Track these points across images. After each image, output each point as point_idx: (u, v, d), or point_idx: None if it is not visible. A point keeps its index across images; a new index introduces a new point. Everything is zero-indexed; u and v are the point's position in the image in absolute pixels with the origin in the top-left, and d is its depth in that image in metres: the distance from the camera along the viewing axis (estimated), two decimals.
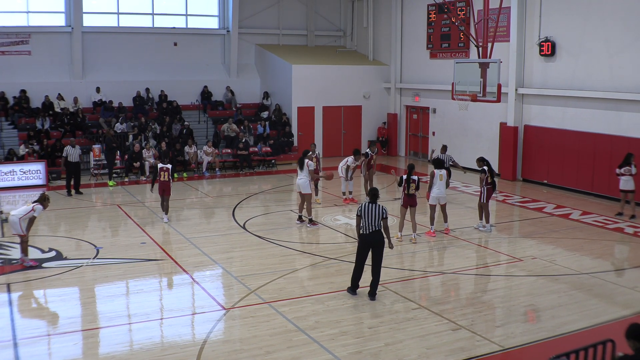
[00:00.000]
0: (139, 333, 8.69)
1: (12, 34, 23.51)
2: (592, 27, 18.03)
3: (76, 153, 18.21)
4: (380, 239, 9.60)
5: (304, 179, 14.58)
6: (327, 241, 13.50)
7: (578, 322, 8.97)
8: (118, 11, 25.59)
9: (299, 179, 14.69)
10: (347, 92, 26.51)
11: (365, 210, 9.58)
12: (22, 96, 23.16)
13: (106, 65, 25.07)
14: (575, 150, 18.76)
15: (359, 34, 28.99)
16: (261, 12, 27.84)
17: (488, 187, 13.97)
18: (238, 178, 21.69)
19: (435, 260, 12.49)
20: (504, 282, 11.08)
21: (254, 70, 28.15)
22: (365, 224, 9.55)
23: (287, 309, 9.37)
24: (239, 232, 14.17)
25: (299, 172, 14.73)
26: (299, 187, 14.66)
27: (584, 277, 11.06)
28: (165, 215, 15.06)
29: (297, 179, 14.83)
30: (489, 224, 14.26)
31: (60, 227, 14.82)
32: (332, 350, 8.00)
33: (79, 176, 18.51)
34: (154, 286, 10.87)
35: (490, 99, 16.02)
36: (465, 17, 21.84)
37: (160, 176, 14.78)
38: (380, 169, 23.12)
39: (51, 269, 11.33)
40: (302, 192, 14.61)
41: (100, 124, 23.21)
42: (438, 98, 24.34)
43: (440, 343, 8.25)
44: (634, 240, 13.67)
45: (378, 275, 9.72)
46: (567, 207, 16.81)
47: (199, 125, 25.05)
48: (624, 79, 17.24)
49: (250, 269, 11.43)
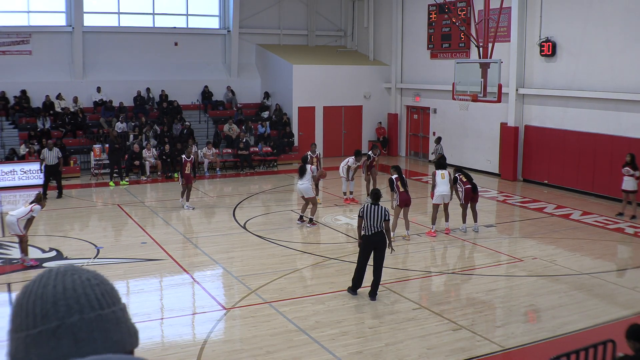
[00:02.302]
0: (139, 333, 8.67)
1: (12, 34, 23.51)
2: (593, 27, 18.03)
3: (53, 155, 17.56)
4: (383, 240, 9.59)
5: (305, 183, 14.45)
6: (327, 241, 13.50)
7: (578, 323, 8.97)
8: (119, 11, 25.59)
9: (301, 184, 14.51)
10: (348, 92, 26.51)
11: (368, 211, 9.58)
12: (22, 96, 23.16)
13: (107, 65, 25.06)
14: (575, 150, 18.75)
15: (359, 34, 28.99)
16: (262, 12, 27.84)
17: (467, 188, 13.87)
18: (239, 178, 21.70)
19: (435, 260, 12.49)
20: (505, 282, 11.08)
21: (255, 70, 28.15)
22: (368, 225, 9.55)
23: (288, 309, 9.37)
24: (240, 232, 14.17)
25: (301, 178, 14.62)
26: (302, 192, 14.53)
27: (585, 278, 11.06)
28: (186, 202, 16.20)
29: (299, 185, 14.63)
30: (476, 224, 14.10)
31: (60, 226, 14.82)
32: (333, 350, 8.00)
33: (60, 179, 17.86)
34: (155, 286, 10.87)
35: (491, 99, 16.01)
36: (466, 17, 21.84)
37: (185, 168, 16.08)
38: (381, 170, 23.11)
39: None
40: (306, 197, 14.54)
41: (101, 124, 23.22)
42: (439, 98, 24.33)
43: (441, 343, 8.25)
44: (634, 241, 13.66)
45: (379, 276, 9.73)
46: (568, 208, 16.81)
47: (200, 125, 25.05)
48: (625, 79, 17.23)
49: (251, 269, 11.43)
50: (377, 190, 10.13)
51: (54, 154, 17.69)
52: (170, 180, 20.78)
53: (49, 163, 17.57)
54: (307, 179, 14.49)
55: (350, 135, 26.83)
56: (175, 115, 24.19)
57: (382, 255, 9.64)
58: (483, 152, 22.45)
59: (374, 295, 9.73)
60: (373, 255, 9.65)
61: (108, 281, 1.35)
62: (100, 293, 1.31)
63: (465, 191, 13.86)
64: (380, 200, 10.02)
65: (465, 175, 14.09)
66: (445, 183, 13.58)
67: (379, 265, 9.66)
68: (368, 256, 9.70)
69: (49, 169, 17.62)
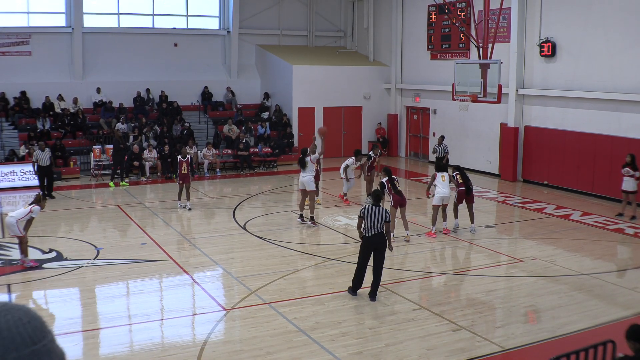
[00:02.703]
0: (139, 334, 8.69)
1: (12, 35, 23.52)
2: (593, 27, 18.03)
3: (46, 157, 17.69)
4: (383, 241, 9.60)
5: (308, 176, 14.53)
6: (327, 242, 13.49)
7: (578, 323, 8.97)
8: (118, 12, 25.60)
9: (303, 176, 14.59)
10: (348, 92, 26.51)
11: (368, 212, 9.57)
12: (22, 97, 23.16)
13: (106, 65, 25.07)
14: (575, 151, 18.75)
15: (359, 35, 28.99)
16: (261, 13, 27.84)
17: (460, 190, 13.94)
18: (238, 179, 21.69)
19: (435, 261, 12.49)
20: (505, 282, 11.07)
21: (255, 71, 28.15)
22: (368, 226, 9.54)
23: (288, 310, 9.37)
24: (240, 233, 14.17)
25: (303, 170, 14.66)
26: (303, 184, 14.56)
27: (585, 278, 11.06)
28: (188, 202, 16.30)
29: (301, 177, 14.69)
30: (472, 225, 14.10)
31: (60, 227, 14.82)
32: (333, 351, 7.99)
33: (52, 179, 18.12)
34: (155, 287, 10.87)
35: (491, 99, 16.02)
36: (466, 18, 21.84)
37: (182, 169, 16.22)
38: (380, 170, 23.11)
39: (51, 269, 11.32)
40: (307, 189, 14.57)
41: (100, 125, 23.22)
42: (438, 99, 24.33)
43: (441, 344, 8.25)
44: (634, 241, 13.66)
45: (379, 277, 9.73)
46: (568, 208, 16.81)
47: (200, 126, 25.06)
48: (625, 79, 17.24)
49: (251, 270, 11.42)
50: (379, 191, 10.15)
51: (46, 155, 17.76)
52: (170, 181, 20.77)
53: (43, 164, 17.62)
54: (309, 171, 14.51)
55: (350, 135, 26.83)
56: (175, 116, 24.19)
57: (382, 257, 9.64)
58: (483, 152, 22.45)
59: (373, 296, 9.73)
60: (373, 256, 9.65)
61: (37, 316, 1.50)
62: (32, 330, 1.45)
63: (459, 193, 13.98)
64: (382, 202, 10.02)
65: (462, 175, 14.11)
66: (446, 185, 13.62)
67: (378, 266, 9.66)
68: (368, 257, 9.70)
69: (43, 170, 17.67)
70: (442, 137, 20.81)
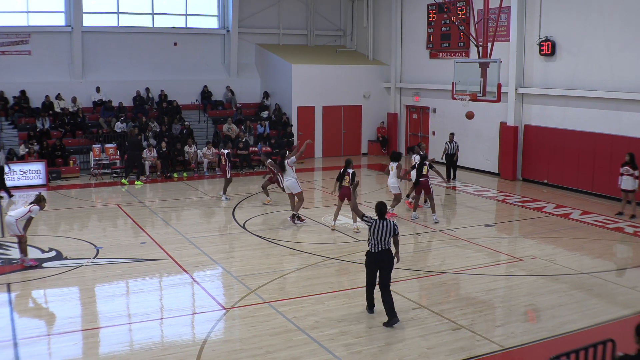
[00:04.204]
0: (139, 333, 8.69)
1: (12, 34, 23.51)
2: (593, 26, 18.03)
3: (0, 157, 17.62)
4: (389, 260, 8.87)
5: (290, 179, 14.70)
6: (327, 241, 13.49)
7: (578, 322, 8.97)
8: (118, 11, 25.58)
9: (286, 180, 14.83)
10: (347, 91, 26.51)
11: (376, 227, 8.84)
12: (22, 96, 23.15)
13: (106, 65, 25.07)
14: (575, 150, 18.75)
15: (359, 34, 28.99)
16: (261, 12, 27.83)
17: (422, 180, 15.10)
18: (238, 178, 21.67)
19: (435, 260, 12.49)
20: (504, 281, 11.07)
21: (254, 70, 28.15)
22: (374, 242, 8.85)
23: (287, 309, 9.37)
24: (239, 232, 14.17)
25: (284, 175, 14.89)
26: (288, 188, 14.81)
27: (584, 277, 11.06)
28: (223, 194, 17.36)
29: (285, 181, 14.94)
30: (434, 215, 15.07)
31: (60, 227, 14.81)
32: (332, 350, 8.00)
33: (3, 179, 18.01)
34: (154, 286, 10.87)
35: (491, 98, 16.01)
36: (465, 17, 21.84)
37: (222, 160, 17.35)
38: (380, 170, 23.12)
39: (51, 268, 11.33)
40: (294, 192, 14.70)
41: (100, 124, 23.21)
42: (438, 98, 24.33)
43: (441, 343, 8.25)
44: (634, 240, 13.66)
45: (390, 298, 8.86)
46: (567, 207, 16.81)
47: (199, 125, 25.05)
48: (624, 78, 17.23)
49: (250, 269, 11.43)
50: (382, 203, 9.12)
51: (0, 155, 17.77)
52: (169, 180, 20.78)
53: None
54: (290, 174, 14.63)
55: (349, 135, 26.83)
56: (174, 115, 24.19)
57: (388, 276, 8.94)
58: (482, 151, 22.45)
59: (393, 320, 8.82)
60: (379, 275, 8.94)
61: None
62: None
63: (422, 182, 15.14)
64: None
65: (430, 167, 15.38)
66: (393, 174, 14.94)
67: (385, 287, 8.87)
68: (374, 274, 9.04)
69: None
70: (452, 134, 20.80)
